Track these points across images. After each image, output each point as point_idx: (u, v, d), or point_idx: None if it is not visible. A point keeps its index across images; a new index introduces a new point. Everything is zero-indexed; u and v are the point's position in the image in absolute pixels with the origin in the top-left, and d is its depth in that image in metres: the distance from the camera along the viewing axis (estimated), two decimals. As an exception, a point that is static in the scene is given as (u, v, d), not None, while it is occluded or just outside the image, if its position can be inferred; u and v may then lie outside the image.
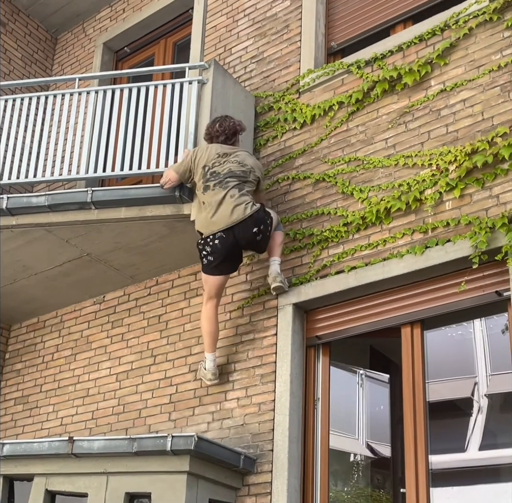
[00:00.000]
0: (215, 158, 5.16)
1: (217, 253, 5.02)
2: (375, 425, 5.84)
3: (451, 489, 4.70)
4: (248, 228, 4.99)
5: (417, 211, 4.85)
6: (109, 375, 6.06)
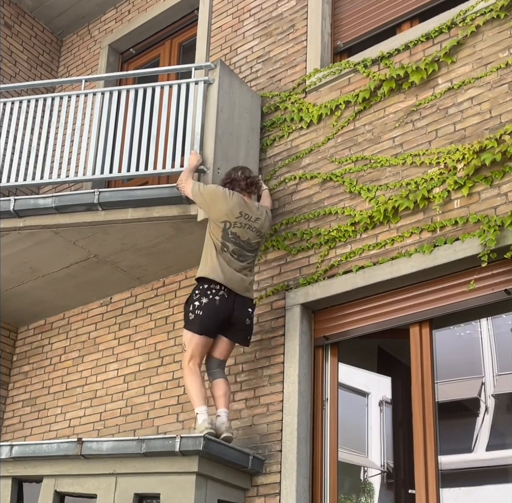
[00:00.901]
0: (238, 216, 5.02)
1: (210, 309, 4.82)
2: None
3: (458, 489, 4.70)
4: (245, 307, 4.95)
5: (425, 210, 4.85)
6: (117, 376, 6.09)
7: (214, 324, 4.88)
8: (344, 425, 5.09)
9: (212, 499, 4.70)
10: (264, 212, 5.16)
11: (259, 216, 5.10)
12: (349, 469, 5.90)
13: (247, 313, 4.98)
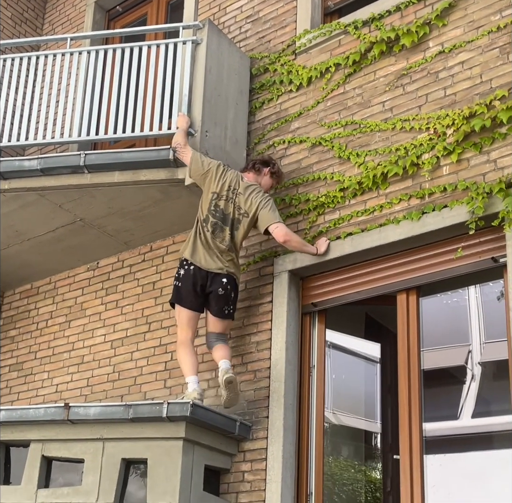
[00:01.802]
0: (226, 189, 5.21)
1: (186, 280, 5.09)
2: (364, 401, 6.04)
3: (443, 456, 4.89)
4: (220, 278, 5.07)
5: (414, 176, 4.96)
6: (104, 342, 6.24)
7: (191, 295, 5.09)
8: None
9: (199, 464, 4.90)
10: (252, 192, 5.19)
11: (242, 192, 5.20)
12: (348, 433, 6.11)
13: (220, 283, 5.08)
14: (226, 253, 5.14)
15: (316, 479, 4.99)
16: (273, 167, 5.37)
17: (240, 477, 5.07)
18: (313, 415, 5.11)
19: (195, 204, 5.66)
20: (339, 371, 5.95)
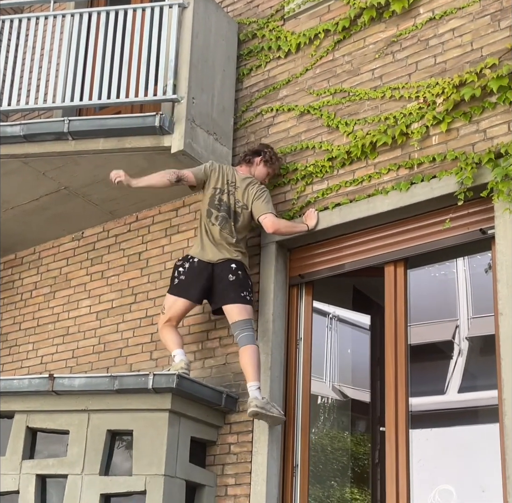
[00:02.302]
0: (225, 183, 5.32)
1: (191, 272, 5.18)
2: (355, 370, 6.17)
3: (430, 430, 5.03)
4: (227, 264, 5.14)
5: (403, 146, 5.04)
6: (89, 313, 6.33)
7: (193, 285, 5.18)
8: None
9: (185, 436, 5.04)
10: (249, 185, 5.29)
11: (239, 185, 5.30)
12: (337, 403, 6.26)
13: (229, 269, 5.13)
14: (234, 245, 5.20)
15: (302, 451, 5.13)
16: (264, 155, 5.39)
17: (226, 449, 5.20)
18: (300, 387, 5.24)
19: (181, 174, 5.79)
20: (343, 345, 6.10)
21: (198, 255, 5.22)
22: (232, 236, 5.21)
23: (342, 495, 5.91)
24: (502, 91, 4.66)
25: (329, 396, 6.31)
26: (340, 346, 6.28)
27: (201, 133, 5.66)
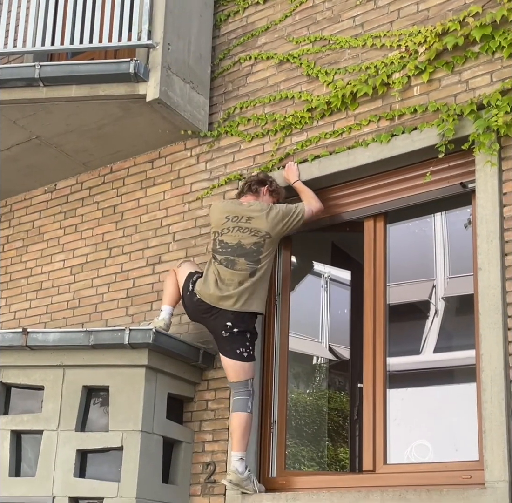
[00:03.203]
0: (224, 222, 5.13)
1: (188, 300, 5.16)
2: (339, 328, 6.37)
3: (405, 390, 5.27)
4: (225, 318, 5.00)
5: (384, 96, 5.16)
6: (63, 267, 6.48)
7: (189, 313, 5.25)
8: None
9: (162, 392, 5.21)
10: (263, 210, 5.09)
11: (251, 216, 5.09)
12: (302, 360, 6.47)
13: (223, 327, 5.01)
14: (247, 280, 5.00)
15: (279, 407, 5.34)
16: (270, 185, 5.28)
17: (204, 405, 5.40)
18: (278, 342, 5.43)
19: (156, 123, 5.90)
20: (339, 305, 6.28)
21: (200, 291, 5.09)
22: (244, 270, 5.02)
23: (320, 451, 6.17)
24: (485, 41, 4.78)
25: (325, 357, 6.53)
26: (335, 306, 6.47)
27: (177, 81, 5.76)
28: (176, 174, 6.06)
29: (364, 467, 4.91)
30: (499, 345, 4.34)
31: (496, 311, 4.39)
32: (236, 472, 4.87)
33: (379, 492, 4.53)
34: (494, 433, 4.24)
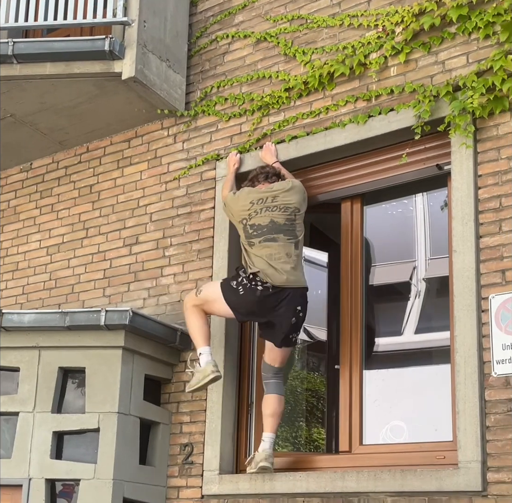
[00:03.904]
0: (249, 208, 5.07)
1: (250, 296, 4.87)
2: (313, 309, 6.48)
3: (386, 371, 5.40)
4: (294, 301, 4.88)
5: (361, 77, 5.27)
6: (39, 248, 6.59)
7: (244, 308, 4.94)
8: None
9: (139, 374, 5.32)
10: (284, 186, 5.10)
11: (276, 194, 5.06)
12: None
13: (293, 311, 4.89)
14: (293, 252, 4.94)
15: (257, 389, 5.47)
16: (283, 179, 5.24)
17: (181, 387, 5.51)
18: (255, 324, 5.56)
19: (133, 101, 6.00)
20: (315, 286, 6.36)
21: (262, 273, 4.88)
22: (295, 249, 4.95)
23: (295, 431, 6.31)
24: (462, 21, 4.89)
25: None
26: (312, 288, 6.56)
27: (153, 59, 5.85)
28: (153, 154, 6.16)
29: (340, 448, 5.09)
30: (473, 326, 4.49)
31: (470, 293, 4.54)
32: (271, 455, 4.95)
33: (354, 473, 4.70)
34: (467, 414, 4.39)
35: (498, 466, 4.25)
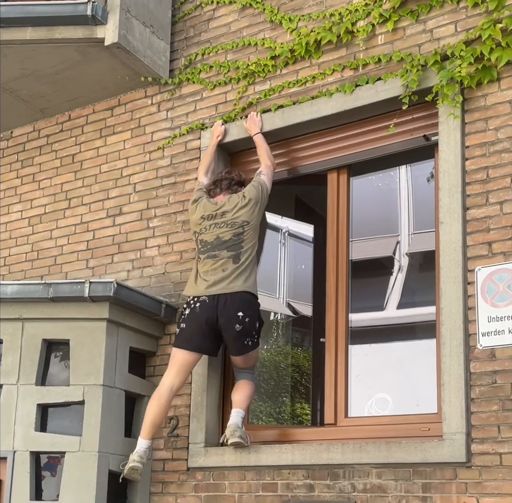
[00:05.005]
0: (201, 223, 5.34)
1: (193, 320, 5.15)
2: (297, 284, 6.62)
3: (369, 346, 5.56)
4: (233, 308, 5.11)
5: (348, 45, 5.37)
6: (21, 218, 6.68)
7: (196, 334, 5.16)
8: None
9: (123, 346, 5.45)
10: (237, 203, 5.27)
11: (227, 210, 5.29)
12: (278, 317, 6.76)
13: (236, 318, 5.09)
14: (230, 266, 5.16)
15: (242, 361, 5.62)
16: (245, 185, 5.43)
17: (166, 360, 5.56)
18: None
19: (116, 68, 6.08)
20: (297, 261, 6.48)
21: (197, 292, 5.19)
22: (236, 264, 5.18)
23: (279, 406, 6.48)
24: (450, -12, 5.00)
25: (283, 313, 6.79)
26: (294, 261, 6.71)
27: (136, 25, 5.92)
28: (137, 122, 6.26)
29: (325, 421, 5.25)
30: (459, 299, 4.64)
31: (457, 265, 4.68)
32: (240, 427, 5.15)
33: (340, 445, 4.86)
34: (452, 386, 4.55)
35: (482, 437, 4.43)
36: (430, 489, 4.53)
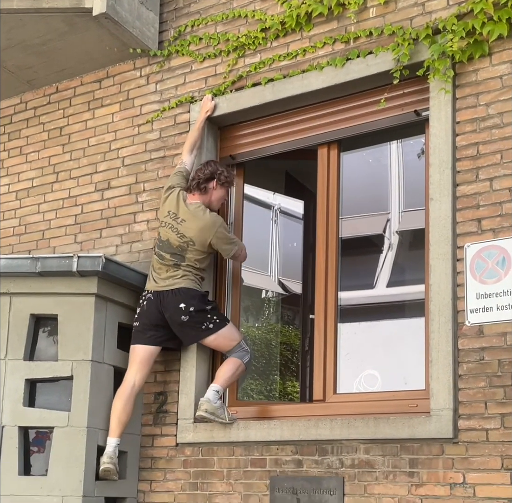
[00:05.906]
0: (165, 216, 5.52)
1: (142, 316, 5.46)
2: (288, 262, 6.73)
3: (358, 324, 5.67)
4: (175, 300, 5.37)
5: (339, 17, 5.44)
6: (8, 192, 6.76)
7: (148, 328, 5.44)
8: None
9: (112, 321, 5.54)
10: (197, 218, 5.41)
11: (185, 219, 5.45)
12: (252, 294, 6.87)
13: (178, 310, 5.36)
14: (172, 271, 5.43)
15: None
16: (219, 178, 5.53)
17: (155, 334, 5.78)
18: (229, 273, 5.81)
19: (104, 39, 6.14)
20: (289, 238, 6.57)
21: (147, 287, 5.50)
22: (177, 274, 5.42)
23: (269, 384, 6.61)
24: (442, -39, 5.07)
25: (274, 290, 6.91)
26: (286, 239, 6.81)
27: (125, -5, 5.98)
28: (125, 95, 6.34)
29: (314, 397, 5.39)
30: (448, 275, 4.76)
31: (446, 242, 4.79)
32: (209, 401, 5.29)
33: (328, 421, 5.00)
34: (440, 362, 4.68)
35: (469, 413, 4.58)
36: (417, 464, 4.69)
